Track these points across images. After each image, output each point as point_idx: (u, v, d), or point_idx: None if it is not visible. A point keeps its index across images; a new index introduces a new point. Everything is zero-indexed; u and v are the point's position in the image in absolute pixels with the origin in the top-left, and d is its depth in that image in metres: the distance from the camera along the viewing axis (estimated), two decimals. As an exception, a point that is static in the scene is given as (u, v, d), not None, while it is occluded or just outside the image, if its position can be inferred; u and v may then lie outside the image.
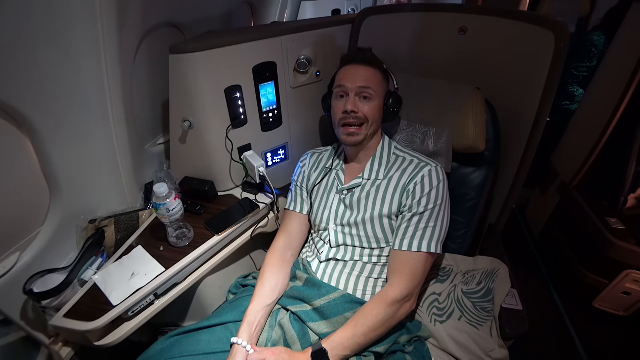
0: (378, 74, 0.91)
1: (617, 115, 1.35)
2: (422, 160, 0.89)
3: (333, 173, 0.99)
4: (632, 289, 1.38)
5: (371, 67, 0.90)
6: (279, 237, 1.00)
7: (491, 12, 1.04)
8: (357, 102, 0.88)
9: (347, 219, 0.90)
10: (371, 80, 0.88)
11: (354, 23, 1.23)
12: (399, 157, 0.93)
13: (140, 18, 0.95)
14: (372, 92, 0.88)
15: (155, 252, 0.93)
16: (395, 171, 0.89)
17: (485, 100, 1.02)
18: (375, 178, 0.90)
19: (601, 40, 1.81)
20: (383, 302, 0.77)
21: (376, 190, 0.89)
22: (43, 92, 0.77)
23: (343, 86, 0.89)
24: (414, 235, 0.81)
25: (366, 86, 0.87)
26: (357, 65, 0.90)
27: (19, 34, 0.69)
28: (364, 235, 0.88)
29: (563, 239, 1.66)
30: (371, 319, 0.75)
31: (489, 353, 0.82)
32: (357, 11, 2.71)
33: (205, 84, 0.97)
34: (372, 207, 0.87)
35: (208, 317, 0.84)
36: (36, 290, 0.78)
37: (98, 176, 0.98)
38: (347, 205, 0.92)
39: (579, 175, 1.54)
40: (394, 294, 0.77)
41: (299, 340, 0.79)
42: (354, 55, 0.91)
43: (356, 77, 0.88)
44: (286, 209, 1.04)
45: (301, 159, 1.08)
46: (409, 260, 0.80)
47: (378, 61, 0.92)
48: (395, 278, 0.80)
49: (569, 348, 1.39)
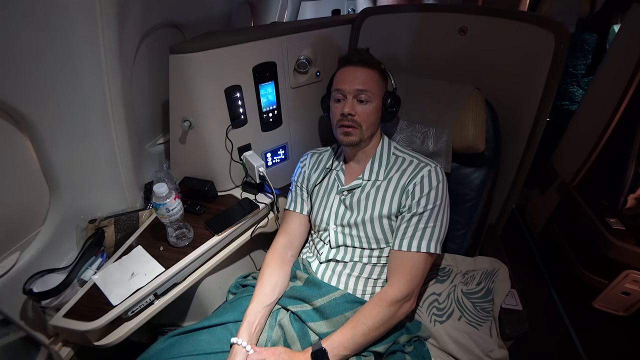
0: (375, 75, 0.90)
1: (617, 116, 1.35)
2: (422, 161, 0.89)
3: (333, 173, 0.99)
4: (631, 289, 1.38)
5: (368, 69, 0.89)
6: (278, 237, 1.00)
7: (491, 12, 1.04)
8: (355, 104, 0.88)
9: (347, 220, 0.90)
10: (368, 82, 0.88)
11: (354, 23, 1.23)
12: (399, 157, 0.93)
13: (140, 18, 0.95)
14: (369, 94, 0.87)
15: (155, 252, 0.93)
16: (395, 172, 0.90)
17: (485, 100, 1.02)
18: (375, 179, 0.90)
19: (592, 38, 1.98)
20: (383, 302, 0.77)
21: (376, 191, 0.89)
22: (43, 92, 0.77)
23: (340, 89, 0.88)
24: (414, 235, 0.81)
25: (363, 89, 0.86)
26: (354, 67, 0.89)
27: (19, 34, 0.69)
28: (363, 236, 0.88)
29: (563, 239, 1.66)
30: (371, 319, 0.75)
31: (489, 353, 0.82)
32: (357, 11, 2.71)
33: (205, 84, 0.97)
34: (372, 207, 0.87)
35: (208, 317, 0.84)
36: (36, 290, 0.78)
37: (98, 176, 0.98)
38: (347, 206, 0.92)
39: (578, 175, 1.54)
40: (393, 294, 0.77)
41: (299, 340, 0.79)
42: (350, 57, 0.90)
43: (353, 79, 0.87)
44: (286, 209, 1.04)
45: (301, 159, 1.08)
46: (409, 261, 0.81)
47: (375, 62, 0.91)
48: (395, 278, 0.80)
49: (569, 348, 1.39)
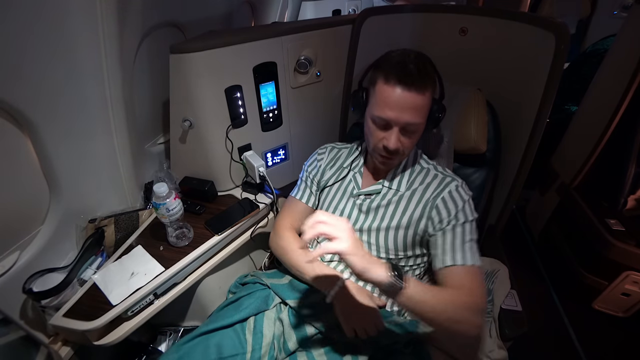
0: (428, 98, 0.74)
1: (617, 117, 1.35)
2: (447, 175, 0.85)
3: (350, 175, 0.92)
4: (631, 290, 1.38)
5: (422, 94, 0.72)
6: (284, 218, 0.96)
7: (491, 12, 1.04)
8: (400, 137, 0.76)
9: (360, 225, 0.87)
10: (420, 111, 0.73)
11: (355, 23, 1.23)
12: (424, 168, 0.88)
13: (140, 18, 0.95)
14: (419, 125, 0.75)
15: (154, 252, 0.93)
16: (419, 184, 0.85)
17: (486, 101, 1.02)
18: (397, 189, 0.85)
19: None
20: (463, 304, 0.66)
21: (398, 200, 0.84)
22: (43, 92, 0.77)
23: (385, 119, 0.74)
24: (463, 248, 0.74)
25: (414, 122, 0.73)
26: (405, 92, 0.71)
27: (19, 34, 0.69)
28: (374, 242, 0.85)
29: (563, 240, 1.66)
30: (446, 304, 0.65)
31: (488, 354, 0.82)
32: (357, 11, 2.71)
33: (205, 84, 0.97)
34: (390, 217, 0.84)
35: (212, 319, 0.82)
36: (35, 289, 0.78)
37: (98, 175, 0.98)
38: (362, 211, 0.88)
39: (578, 176, 1.54)
40: (476, 305, 0.67)
41: (295, 334, 0.78)
42: (402, 76, 0.70)
43: (403, 109, 0.72)
44: (292, 196, 1.00)
45: (319, 150, 1.00)
46: (468, 274, 0.72)
47: (430, 79, 0.74)
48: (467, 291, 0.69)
49: (568, 349, 1.39)
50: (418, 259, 0.87)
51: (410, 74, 0.70)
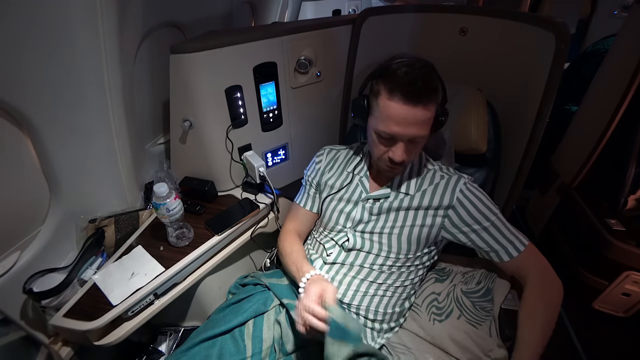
0: (434, 108, 0.73)
1: (618, 117, 1.34)
2: (454, 174, 0.86)
3: (356, 179, 0.92)
4: (631, 290, 1.37)
5: (427, 108, 0.71)
6: (289, 223, 1.01)
7: (492, 13, 1.04)
8: (406, 148, 0.76)
9: (371, 227, 0.87)
10: (425, 124, 0.73)
11: (355, 23, 1.23)
12: (430, 170, 0.89)
13: (140, 18, 0.95)
14: (424, 137, 0.75)
15: (155, 252, 0.93)
16: (429, 184, 0.86)
17: (486, 101, 1.02)
18: (406, 192, 0.86)
19: None
20: (541, 291, 0.80)
21: (409, 201, 0.85)
22: (43, 92, 0.77)
23: (390, 134, 0.73)
24: (514, 235, 0.81)
25: (419, 135, 0.73)
26: (410, 107, 0.69)
27: (19, 34, 0.69)
28: (386, 243, 0.85)
29: (563, 240, 1.66)
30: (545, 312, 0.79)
31: (488, 353, 0.82)
32: (357, 12, 2.71)
33: (205, 84, 0.97)
34: (403, 218, 0.84)
35: (211, 326, 0.82)
36: (36, 289, 0.78)
37: (98, 176, 0.98)
38: (373, 214, 0.88)
39: (579, 176, 1.54)
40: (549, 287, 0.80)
41: (293, 337, 0.78)
42: (409, 92, 0.69)
43: (410, 124, 0.71)
44: (295, 201, 1.03)
45: (317, 154, 1.02)
46: (530, 253, 0.81)
47: (436, 90, 0.72)
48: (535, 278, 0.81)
49: (568, 349, 1.39)
50: (424, 257, 0.88)
51: (417, 90, 0.69)
